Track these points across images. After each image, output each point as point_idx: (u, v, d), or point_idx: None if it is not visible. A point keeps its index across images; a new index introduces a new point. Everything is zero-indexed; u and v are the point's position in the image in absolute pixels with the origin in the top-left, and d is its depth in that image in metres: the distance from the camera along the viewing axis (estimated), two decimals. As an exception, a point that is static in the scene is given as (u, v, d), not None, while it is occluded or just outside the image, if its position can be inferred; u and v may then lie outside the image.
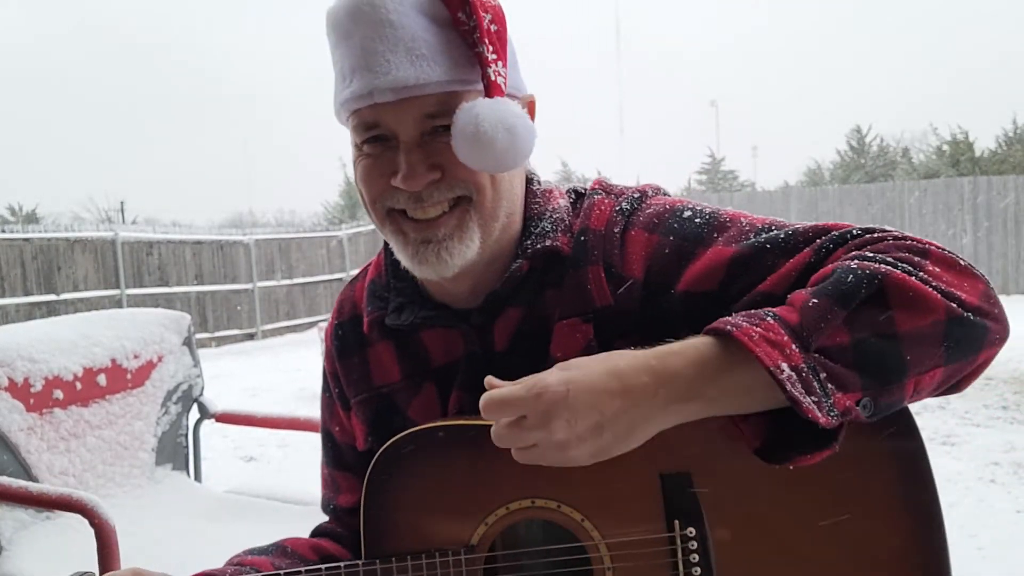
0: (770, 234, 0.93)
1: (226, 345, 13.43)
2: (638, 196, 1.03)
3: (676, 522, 0.92)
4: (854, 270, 0.81)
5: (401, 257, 0.98)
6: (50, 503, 2.25)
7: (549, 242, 0.99)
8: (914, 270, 0.81)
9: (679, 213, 0.98)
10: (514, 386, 0.80)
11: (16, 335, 2.71)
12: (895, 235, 0.88)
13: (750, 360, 0.78)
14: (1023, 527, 3.88)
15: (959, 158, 22.13)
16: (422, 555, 0.95)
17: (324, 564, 0.97)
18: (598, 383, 0.78)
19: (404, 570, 0.95)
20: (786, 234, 0.92)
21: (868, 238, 0.88)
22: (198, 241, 13.50)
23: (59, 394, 2.70)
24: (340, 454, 1.15)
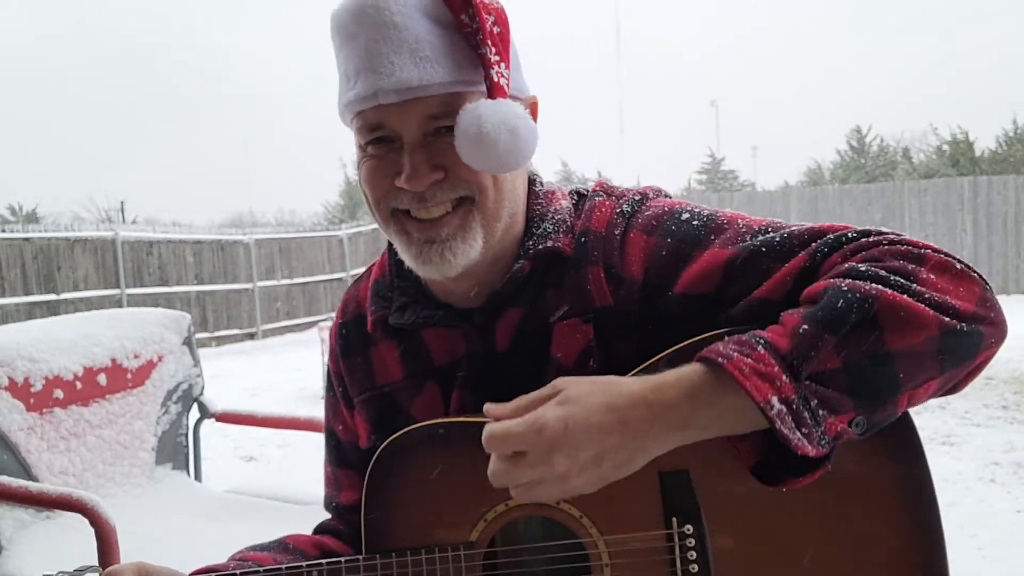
0: (766, 236, 0.93)
1: (226, 345, 13.43)
2: (638, 198, 1.03)
3: (674, 520, 0.93)
4: (844, 293, 0.80)
5: (405, 257, 0.99)
6: (50, 503, 2.26)
7: (551, 243, 1.00)
8: (907, 282, 0.81)
9: (677, 215, 0.99)
10: (514, 421, 0.81)
11: (16, 335, 2.71)
12: (891, 239, 0.88)
13: (741, 391, 0.79)
14: (1023, 527, 3.89)
15: (959, 158, 22.14)
16: (422, 551, 0.95)
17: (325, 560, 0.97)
18: (595, 419, 0.79)
19: (404, 565, 0.95)
20: (782, 236, 0.92)
21: (864, 242, 0.88)
22: (198, 241, 13.50)
23: (59, 394, 2.70)
24: (343, 452, 1.16)
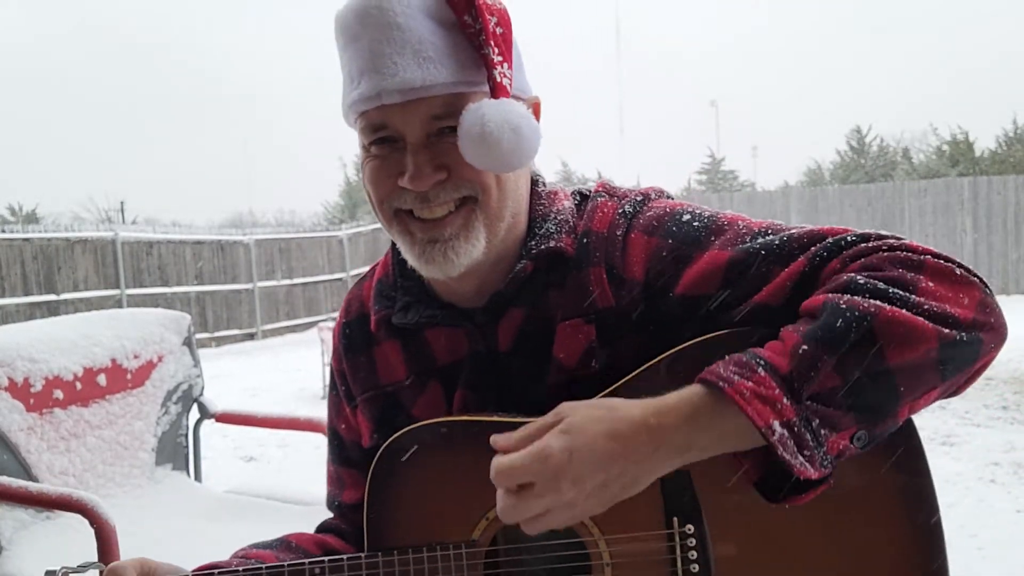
0: (766, 239, 0.93)
1: (226, 345, 13.44)
2: (641, 199, 1.03)
3: (675, 519, 0.93)
4: (843, 311, 0.80)
5: (408, 257, 0.99)
6: (50, 503, 2.26)
7: (553, 243, 1.00)
8: (906, 293, 0.81)
9: (678, 217, 0.99)
10: (519, 454, 0.82)
11: (16, 335, 2.72)
12: (890, 244, 0.87)
13: (742, 415, 0.79)
14: (1023, 527, 3.89)
15: (959, 158, 22.15)
16: (423, 548, 0.95)
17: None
18: (599, 446, 0.80)
19: (406, 563, 0.95)
20: (781, 239, 0.92)
21: (863, 248, 0.88)
22: (198, 241, 13.51)
23: (59, 394, 2.70)
24: (346, 451, 1.16)
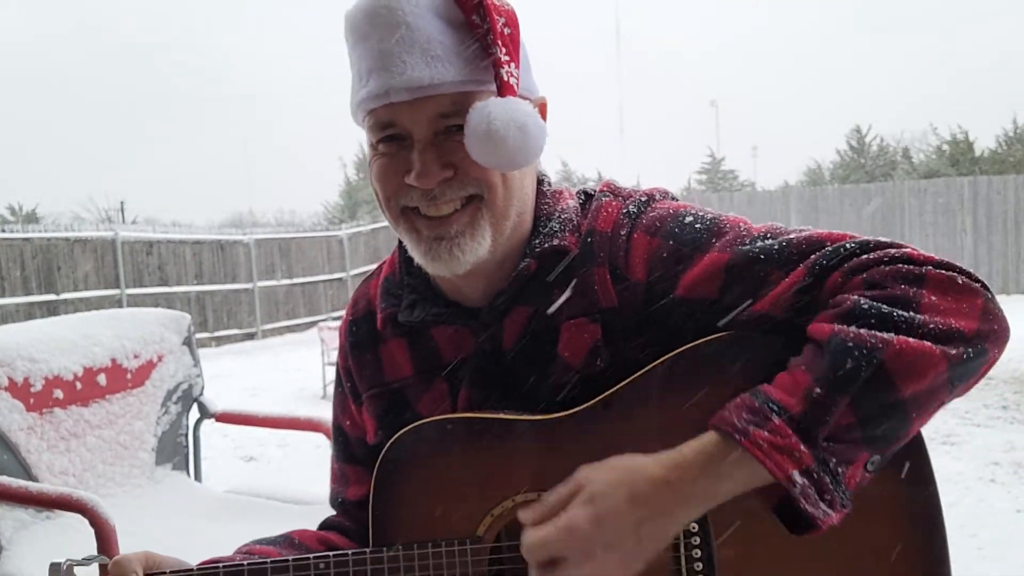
0: (765, 243, 0.93)
1: (226, 345, 13.44)
2: (645, 200, 1.04)
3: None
4: (851, 350, 0.81)
5: (414, 254, 0.99)
6: (50, 503, 2.26)
7: (557, 241, 1.00)
8: (910, 314, 0.82)
9: (681, 218, 0.99)
10: (547, 530, 0.84)
11: (16, 335, 2.71)
12: (891, 255, 0.87)
13: (760, 465, 0.81)
14: (1023, 527, 3.89)
15: (959, 158, 22.18)
16: (428, 544, 0.95)
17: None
18: (624, 511, 0.83)
19: (410, 558, 0.96)
20: (780, 244, 0.93)
21: (864, 260, 0.87)
22: (198, 241, 13.52)
23: (59, 394, 2.70)
24: (350, 448, 1.16)
